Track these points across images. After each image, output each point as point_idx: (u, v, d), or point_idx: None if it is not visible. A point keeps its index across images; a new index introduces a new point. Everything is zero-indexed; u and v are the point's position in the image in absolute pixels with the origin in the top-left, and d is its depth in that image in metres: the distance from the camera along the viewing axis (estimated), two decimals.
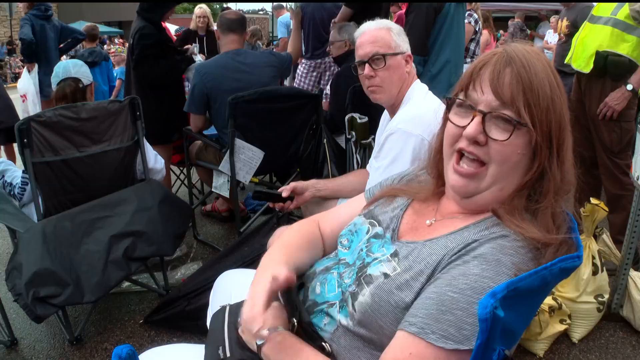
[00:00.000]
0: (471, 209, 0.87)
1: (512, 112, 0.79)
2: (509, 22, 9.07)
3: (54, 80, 2.36)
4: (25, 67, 4.48)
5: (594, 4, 3.88)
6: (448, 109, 0.89)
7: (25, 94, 4.26)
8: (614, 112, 2.43)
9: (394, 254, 0.86)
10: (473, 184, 0.84)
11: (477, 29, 4.23)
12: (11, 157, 4.13)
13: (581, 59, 2.58)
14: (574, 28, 3.95)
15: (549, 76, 0.81)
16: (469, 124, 0.81)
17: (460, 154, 0.84)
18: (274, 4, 3.64)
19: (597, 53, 2.47)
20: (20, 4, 4.71)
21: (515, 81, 0.79)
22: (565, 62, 2.81)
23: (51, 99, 2.31)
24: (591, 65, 2.52)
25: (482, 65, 0.82)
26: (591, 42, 2.53)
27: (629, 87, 2.36)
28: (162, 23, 3.13)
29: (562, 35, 4.19)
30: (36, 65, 4.43)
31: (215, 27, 4.44)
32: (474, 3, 4.25)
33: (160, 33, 2.95)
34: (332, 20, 3.58)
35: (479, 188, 0.84)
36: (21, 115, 4.19)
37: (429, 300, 0.75)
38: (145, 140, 2.32)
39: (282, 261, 0.95)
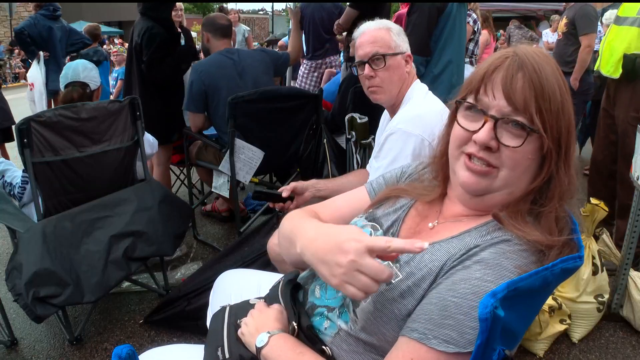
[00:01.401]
0: (478, 208, 0.86)
1: (524, 119, 0.78)
2: (510, 23, 9.07)
3: (63, 80, 2.37)
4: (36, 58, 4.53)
5: (594, 4, 3.90)
6: (455, 111, 0.87)
7: (33, 83, 4.35)
8: None
9: (395, 260, 0.85)
10: (485, 182, 0.82)
11: (475, 29, 4.24)
12: (4, 157, 4.16)
13: (610, 65, 2.49)
14: (572, 26, 3.95)
15: (559, 80, 0.80)
16: (479, 129, 0.80)
17: (470, 156, 0.83)
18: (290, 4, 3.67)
19: (625, 56, 2.38)
20: (31, 4, 4.74)
21: (528, 86, 0.78)
22: (595, 68, 2.73)
23: (58, 99, 2.32)
24: (620, 70, 2.42)
25: (494, 69, 0.81)
26: (618, 45, 2.44)
27: None
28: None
29: (560, 33, 4.18)
30: (41, 54, 4.48)
31: (185, 23, 4.26)
32: (472, 3, 4.25)
33: (169, 31, 2.92)
34: (337, 22, 3.57)
35: (490, 187, 0.82)
36: (27, 103, 4.24)
37: (431, 305, 0.75)
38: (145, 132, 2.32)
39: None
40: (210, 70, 2.68)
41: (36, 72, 4.37)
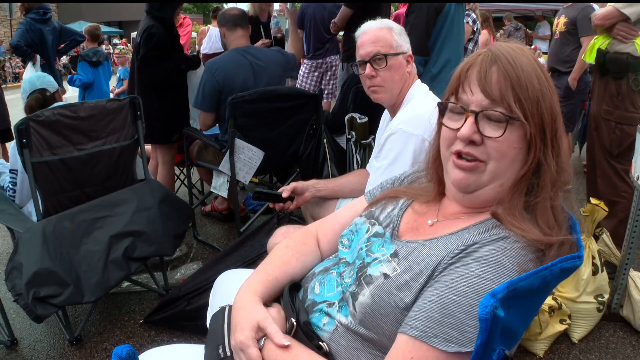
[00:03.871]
0: (473, 206, 0.88)
1: (503, 109, 0.80)
2: (505, 23, 9.07)
3: (23, 95, 2.50)
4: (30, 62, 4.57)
5: (594, 4, 3.88)
6: (441, 115, 0.90)
7: None
8: None
9: (394, 254, 0.86)
10: (473, 177, 0.84)
11: (475, 29, 4.23)
12: (4, 156, 4.17)
13: (593, 53, 2.58)
14: (572, 26, 3.93)
15: (536, 70, 0.82)
16: (462, 125, 0.83)
17: (459, 154, 0.85)
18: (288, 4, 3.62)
19: (598, 51, 2.47)
20: (19, 4, 4.75)
21: (503, 78, 0.80)
22: (582, 58, 2.81)
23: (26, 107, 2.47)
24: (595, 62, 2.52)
25: (469, 67, 0.84)
26: (598, 39, 2.55)
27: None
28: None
29: (557, 32, 4.16)
30: (38, 57, 4.52)
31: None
32: (472, 3, 4.24)
33: (170, 32, 2.91)
34: (332, 21, 3.59)
35: (479, 182, 0.84)
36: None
37: (430, 303, 0.75)
38: None
39: (259, 291, 0.97)
40: (226, 68, 2.65)
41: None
